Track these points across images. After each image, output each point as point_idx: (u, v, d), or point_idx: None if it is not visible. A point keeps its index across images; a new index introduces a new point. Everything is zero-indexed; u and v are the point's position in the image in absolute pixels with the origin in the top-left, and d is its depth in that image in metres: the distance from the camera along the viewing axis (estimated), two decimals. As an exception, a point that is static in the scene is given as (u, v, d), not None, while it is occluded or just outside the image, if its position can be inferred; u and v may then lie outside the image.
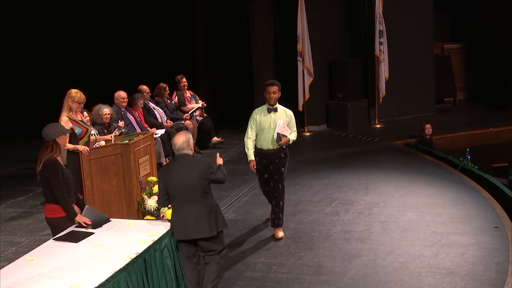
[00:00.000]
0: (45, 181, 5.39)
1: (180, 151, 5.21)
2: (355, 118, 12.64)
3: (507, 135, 12.05)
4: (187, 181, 5.09)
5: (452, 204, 7.97)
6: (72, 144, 6.92)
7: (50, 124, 5.50)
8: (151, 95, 10.33)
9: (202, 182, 5.12)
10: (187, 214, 5.12)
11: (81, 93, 7.14)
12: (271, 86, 6.81)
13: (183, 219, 5.13)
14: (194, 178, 5.10)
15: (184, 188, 5.10)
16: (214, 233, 5.15)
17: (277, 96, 6.82)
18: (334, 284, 5.93)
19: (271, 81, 6.95)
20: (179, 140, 5.21)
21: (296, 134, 6.94)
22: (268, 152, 6.84)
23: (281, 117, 6.82)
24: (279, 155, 6.86)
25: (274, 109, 6.85)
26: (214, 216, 5.19)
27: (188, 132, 5.38)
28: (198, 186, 5.10)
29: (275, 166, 6.86)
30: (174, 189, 5.14)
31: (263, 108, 6.92)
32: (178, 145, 5.20)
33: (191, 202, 5.11)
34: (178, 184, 5.12)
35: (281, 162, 6.87)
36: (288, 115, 6.89)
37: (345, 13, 12.99)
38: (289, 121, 6.87)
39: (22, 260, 4.93)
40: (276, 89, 6.80)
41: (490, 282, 5.78)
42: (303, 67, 12.12)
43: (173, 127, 10.05)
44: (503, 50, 13.76)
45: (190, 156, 5.24)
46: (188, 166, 5.15)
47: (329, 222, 7.55)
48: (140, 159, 6.99)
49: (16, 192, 9.10)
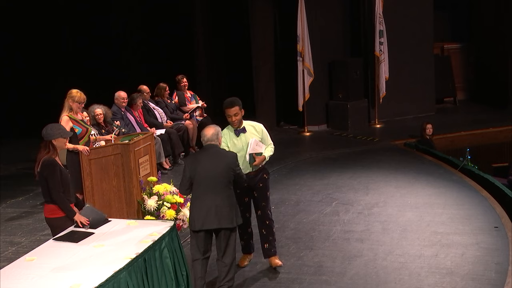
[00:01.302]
0: (44, 181, 5.38)
1: (209, 142, 5.40)
2: (355, 118, 12.64)
3: (507, 135, 12.05)
4: (214, 171, 5.29)
5: (452, 204, 7.97)
6: (73, 144, 6.92)
7: (51, 125, 5.49)
8: (151, 95, 10.33)
9: (229, 174, 5.33)
10: (209, 204, 5.29)
11: (81, 93, 7.14)
12: (230, 108, 5.89)
13: (206, 208, 5.31)
14: (222, 169, 5.30)
15: (210, 177, 5.29)
16: (234, 225, 5.37)
17: (239, 117, 5.95)
18: (334, 284, 5.92)
19: (229, 102, 5.93)
20: (209, 132, 5.40)
21: (273, 147, 6.18)
22: (248, 175, 6.00)
23: (252, 135, 6.03)
24: (261, 177, 6.13)
25: (241, 129, 6.02)
26: (234, 209, 5.41)
27: (217, 126, 5.56)
28: (224, 177, 5.31)
29: (260, 192, 6.14)
30: (200, 177, 5.32)
31: (229, 130, 6.04)
32: (207, 137, 5.39)
33: (214, 192, 5.29)
34: (205, 173, 5.30)
35: (265, 186, 6.18)
36: (259, 130, 6.10)
37: (345, 13, 12.99)
38: (261, 137, 6.10)
39: (22, 260, 4.92)
40: (236, 110, 5.90)
41: (490, 282, 5.79)
42: (303, 67, 12.12)
43: (173, 127, 10.05)
44: (503, 50, 13.77)
45: (218, 148, 5.47)
46: (217, 156, 5.36)
47: (329, 222, 7.55)
48: (140, 159, 6.99)
49: (16, 192, 9.09)
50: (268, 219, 6.23)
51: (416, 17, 13.20)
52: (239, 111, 5.92)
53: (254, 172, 6.05)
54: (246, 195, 6.14)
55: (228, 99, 5.95)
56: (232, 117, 5.90)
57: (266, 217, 6.22)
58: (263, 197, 6.17)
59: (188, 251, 5.72)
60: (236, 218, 5.42)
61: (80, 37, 12.85)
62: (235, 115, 5.89)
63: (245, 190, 6.08)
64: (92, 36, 12.85)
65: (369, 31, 12.81)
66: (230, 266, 5.46)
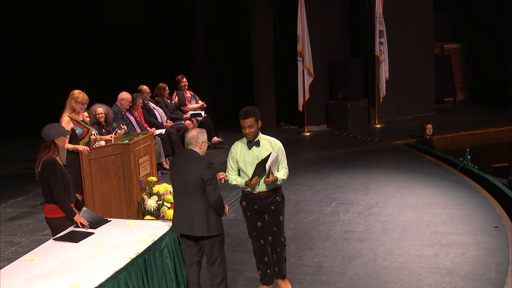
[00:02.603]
0: (44, 181, 5.39)
1: (188, 145, 5.22)
2: (355, 118, 12.64)
3: (507, 135, 12.05)
4: (184, 177, 5.09)
5: (452, 204, 7.97)
6: (73, 144, 6.92)
7: (50, 124, 5.50)
8: (151, 95, 10.33)
9: (196, 181, 5.00)
10: (182, 210, 5.15)
11: (84, 93, 7.12)
12: (244, 119, 5.32)
13: (178, 214, 5.19)
14: (190, 176, 5.04)
15: (180, 184, 5.13)
16: (200, 234, 5.03)
17: (254, 129, 5.33)
18: (334, 284, 5.93)
19: (244, 112, 5.36)
20: (189, 134, 5.25)
21: (287, 172, 5.50)
22: (259, 196, 5.43)
23: (266, 151, 5.37)
24: (274, 199, 5.47)
25: (255, 142, 5.39)
26: (205, 217, 5.04)
27: (204, 131, 5.35)
28: (191, 184, 5.03)
29: (272, 215, 5.49)
30: (174, 182, 5.24)
31: (243, 142, 5.46)
32: (187, 139, 5.23)
33: (186, 198, 5.11)
34: (177, 178, 5.18)
35: (278, 209, 5.51)
36: (275, 147, 5.40)
37: (345, 13, 12.99)
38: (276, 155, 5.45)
39: (22, 260, 4.93)
40: (252, 122, 5.31)
41: (490, 282, 5.79)
42: (303, 67, 12.12)
43: (173, 127, 10.05)
44: (503, 50, 13.77)
45: (192, 153, 5.17)
46: (189, 162, 5.11)
47: (329, 222, 7.55)
48: (140, 159, 6.99)
49: (16, 192, 9.09)
50: (280, 246, 5.56)
51: (416, 17, 13.20)
52: (255, 122, 5.32)
53: (266, 193, 5.43)
54: (259, 219, 5.54)
55: (244, 108, 5.42)
56: (246, 129, 5.32)
57: (277, 243, 5.56)
58: (275, 221, 5.51)
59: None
60: (208, 227, 5.03)
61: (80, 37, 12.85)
62: (249, 127, 5.30)
63: (257, 214, 5.52)
64: (92, 36, 12.84)
65: (369, 31, 12.81)
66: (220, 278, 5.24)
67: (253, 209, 5.49)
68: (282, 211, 5.57)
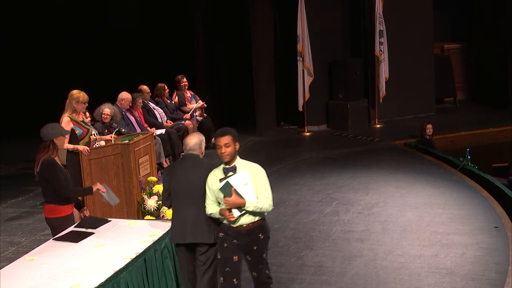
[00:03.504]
0: (44, 182, 5.39)
1: (191, 151, 5.07)
2: (355, 118, 12.64)
3: (507, 135, 12.05)
4: (190, 182, 4.93)
5: (452, 204, 7.97)
6: (73, 144, 6.92)
7: (49, 124, 5.50)
8: (151, 95, 10.33)
9: (202, 186, 4.90)
10: (185, 217, 4.95)
11: (83, 92, 7.12)
12: (220, 137, 4.72)
13: (181, 222, 4.97)
14: (197, 180, 4.91)
15: (185, 189, 4.94)
16: (211, 240, 4.93)
17: (231, 149, 4.72)
18: (334, 284, 5.92)
19: (220, 131, 4.80)
20: (192, 140, 5.08)
21: (269, 204, 4.74)
22: (239, 231, 4.78)
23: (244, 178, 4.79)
24: (256, 236, 4.81)
25: (231, 168, 4.77)
26: (213, 223, 4.95)
27: (202, 135, 5.23)
28: (199, 188, 4.90)
29: (255, 255, 4.85)
30: (176, 189, 5.02)
31: (219, 169, 4.84)
32: (190, 146, 5.06)
33: (190, 204, 4.95)
34: (180, 184, 4.99)
35: (260, 249, 4.85)
36: (255, 173, 4.77)
37: (345, 13, 12.98)
38: (255, 183, 4.74)
39: (22, 260, 4.93)
40: (229, 140, 4.71)
41: (490, 282, 5.79)
42: (303, 67, 12.12)
43: (173, 127, 10.05)
44: (503, 50, 13.76)
45: (197, 157, 5.10)
46: (194, 167, 5.00)
47: (329, 222, 7.55)
48: (140, 159, 7.00)
49: (16, 192, 9.09)
50: (266, 279, 4.94)
51: (416, 17, 13.20)
52: (232, 142, 4.73)
53: (247, 227, 4.76)
54: (236, 254, 4.82)
55: (221, 128, 4.88)
56: (222, 148, 4.70)
57: (263, 278, 4.93)
58: (259, 260, 4.88)
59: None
60: (215, 232, 4.92)
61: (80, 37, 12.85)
62: (226, 146, 4.70)
63: (236, 248, 4.81)
64: (92, 36, 12.84)
65: (369, 31, 12.80)
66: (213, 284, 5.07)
67: (231, 242, 4.81)
68: (266, 247, 4.93)
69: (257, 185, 4.74)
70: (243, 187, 4.68)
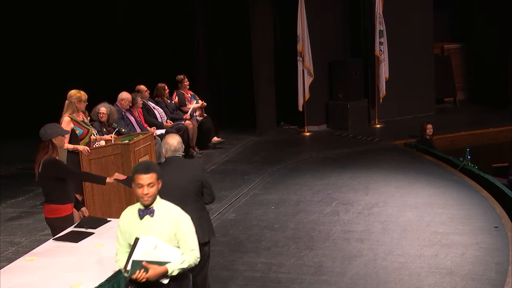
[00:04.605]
0: (46, 182, 5.39)
1: (177, 152, 5.03)
2: (355, 118, 12.64)
3: (507, 135, 12.05)
4: (179, 184, 4.88)
5: (452, 204, 7.97)
6: (73, 144, 6.92)
7: (48, 124, 5.50)
8: (151, 95, 10.33)
9: (195, 185, 4.92)
10: None
11: (81, 91, 7.14)
12: (144, 175, 3.87)
13: None
14: (187, 180, 4.91)
15: (176, 191, 4.78)
16: (205, 239, 4.94)
17: (155, 190, 3.91)
18: (334, 284, 5.92)
19: (143, 166, 3.94)
20: (175, 141, 5.01)
21: (195, 257, 3.94)
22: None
23: (161, 225, 3.91)
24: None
25: (149, 211, 3.94)
26: (205, 222, 4.99)
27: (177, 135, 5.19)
28: (190, 189, 4.91)
29: None
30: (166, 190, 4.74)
31: (134, 209, 4.00)
32: (174, 146, 4.99)
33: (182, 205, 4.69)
34: (170, 185, 4.82)
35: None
36: (175, 220, 3.93)
37: (345, 13, 12.99)
38: (174, 231, 3.91)
39: (22, 260, 4.93)
40: (153, 179, 3.88)
41: (490, 282, 5.79)
42: (303, 67, 12.12)
43: (173, 127, 10.04)
44: (503, 50, 13.76)
45: (183, 159, 5.08)
46: (182, 167, 4.97)
47: (329, 222, 7.55)
48: (140, 159, 7.00)
49: (16, 192, 9.09)
50: None
51: (416, 17, 13.21)
52: (156, 181, 3.91)
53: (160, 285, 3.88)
54: None
55: (142, 162, 4.11)
56: (144, 188, 3.86)
57: None
58: None
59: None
60: (208, 231, 4.97)
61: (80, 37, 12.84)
62: (149, 186, 3.87)
63: None
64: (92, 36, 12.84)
65: (369, 31, 12.80)
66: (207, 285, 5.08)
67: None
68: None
69: (179, 235, 3.91)
70: (155, 252, 3.83)
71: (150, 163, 4.02)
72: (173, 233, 3.90)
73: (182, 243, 3.93)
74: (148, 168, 3.90)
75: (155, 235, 3.87)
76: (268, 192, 8.80)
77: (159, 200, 4.00)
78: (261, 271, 6.26)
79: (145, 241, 3.84)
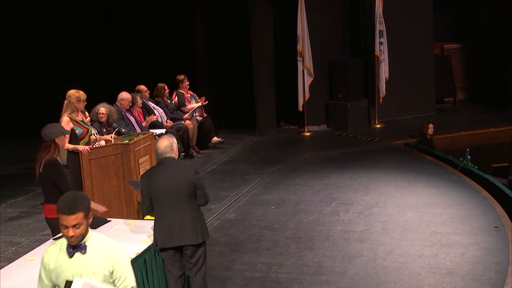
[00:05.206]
0: (46, 182, 5.38)
1: (164, 155, 5.00)
2: (355, 118, 12.64)
3: (507, 135, 12.05)
4: (172, 185, 4.88)
5: (452, 204, 7.97)
6: (73, 144, 6.92)
7: (50, 124, 5.50)
8: (151, 95, 10.33)
9: (188, 186, 4.91)
10: (171, 220, 4.89)
11: (80, 91, 7.14)
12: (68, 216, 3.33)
13: (167, 226, 4.90)
14: (180, 182, 4.90)
15: (169, 193, 4.87)
16: (199, 241, 4.93)
17: (82, 229, 3.36)
18: (334, 284, 5.92)
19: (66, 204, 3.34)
20: (162, 144, 5.00)
21: None
22: None
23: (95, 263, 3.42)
24: None
25: (80, 247, 3.44)
26: (199, 224, 4.98)
27: (172, 136, 5.17)
28: (183, 190, 4.90)
29: None
30: (158, 193, 4.92)
31: (61, 244, 3.52)
32: (161, 149, 4.99)
33: (175, 207, 4.89)
34: (162, 188, 4.88)
35: None
36: (111, 256, 3.45)
37: (345, 13, 12.99)
38: (111, 269, 3.45)
39: (22, 260, 4.93)
40: (80, 219, 3.34)
41: (490, 282, 5.79)
42: (303, 67, 12.12)
43: (173, 127, 10.04)
44: (503, 50, 13.76)
45: (175, 160, 5.06)
46: (174, 169, 4.96)
47: (329, 222, 7.55)
48: (140, 159, 7.00)
49: (16, 192, 9.09)
50: None
51: (416, 17, 13.20)
52: (85, 220, 3.38)
53: None
54: None
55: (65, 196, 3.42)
56: (69, 230, 3.35)
57: None
58: None
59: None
60: (201, 233, 4.95)
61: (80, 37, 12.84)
62: (74, 227, 3.35)
63: None
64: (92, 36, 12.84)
65: (369, 31, 12.80)
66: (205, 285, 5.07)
67: None
68: None
69: (116, 273, 3.46)
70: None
71: (75, 200, 3.36)
72: (109, 271, 3.43)
73: (119, 282, 3.46)
74: (71, 208, 3.31)
75: (88, 275, 3.36)
76: (268, 192, 8.80)
77: (92, 234, 3.45)
78: (261, 271, 6.26)
79: (78, 285, 3.28)
